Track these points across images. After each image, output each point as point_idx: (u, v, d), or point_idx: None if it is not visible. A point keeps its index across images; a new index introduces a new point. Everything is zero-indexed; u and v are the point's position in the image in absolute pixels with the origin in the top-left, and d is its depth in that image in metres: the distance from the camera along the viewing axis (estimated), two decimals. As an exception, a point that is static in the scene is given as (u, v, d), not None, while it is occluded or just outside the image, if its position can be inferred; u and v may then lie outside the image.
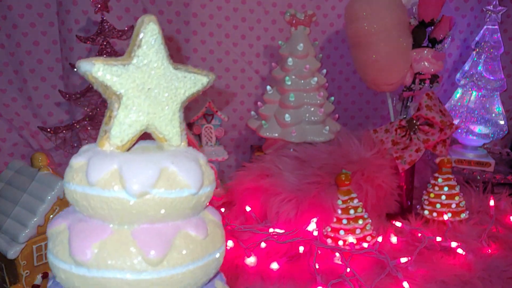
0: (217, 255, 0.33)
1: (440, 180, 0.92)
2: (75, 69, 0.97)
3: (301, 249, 0.79)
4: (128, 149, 0.33)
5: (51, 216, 0.70)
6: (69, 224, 0.31)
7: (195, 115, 1.02)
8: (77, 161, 0.32)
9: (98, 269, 0.28)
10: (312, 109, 0.99)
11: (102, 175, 0.29)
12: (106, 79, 0.30)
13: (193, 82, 0.33)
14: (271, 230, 0.82)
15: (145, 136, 0.36)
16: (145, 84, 0.31)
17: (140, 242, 0.29)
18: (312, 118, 0.99)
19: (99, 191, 0.29)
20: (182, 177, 0.30)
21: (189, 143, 0.36)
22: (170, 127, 0.33)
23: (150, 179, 0.29)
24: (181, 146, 0.34)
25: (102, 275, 0.28)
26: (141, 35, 0.32)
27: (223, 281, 0.37)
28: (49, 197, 0.69)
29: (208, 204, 0.36)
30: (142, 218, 0.30)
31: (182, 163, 0.31)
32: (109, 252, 0.28)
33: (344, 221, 0.81)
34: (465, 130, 1.11)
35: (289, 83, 0.99)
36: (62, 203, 0.71)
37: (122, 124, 0.31)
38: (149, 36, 0.32)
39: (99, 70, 0.30)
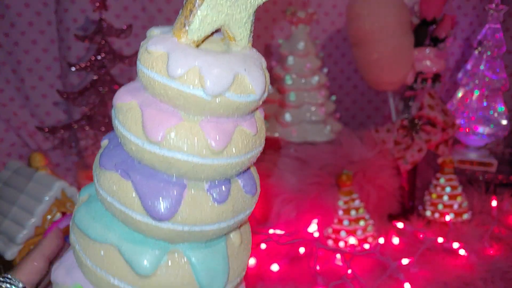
0: (261, 148, 0.38)
1: (442, 180, 0.92)
2: (73, 68, 0.97)
3: (302, 250, 0.79)
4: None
5: (49, 217, 0.69)
6: (141, 104, 0.34)
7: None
8: (157, 50, 0.33)
9: (168, 149, 0.33)
10: (313, 108, 0.99)
11: (184, 71, 0.32)
12: None
13: None
14: (271, 231, 0.81)
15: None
16: None
17: (207, 133, 0.33)
18: (313, 117, 0.98)
19: (178, 85, 0.32)
20: (251, 84, 0.34)
21: None
22: (243, 29, 0.36)
23: (227, 83, 0.32)
24: (247, 47, 0.37)
25: (171, 155, 0.33)
26: None
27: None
28: (46, 198, 0.68)
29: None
30: (210, 114, 0.34)
31: (251, 70, 0.34)
32: (180, 137, 0.33)
33: (345, 222, 0.81)
34: (467, 130, 1.10)
35: (290, 82, 0.98)
36: (60, 203, 0.70)
37: (202, 22, 0.33)
38: None
39: None
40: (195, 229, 0.34)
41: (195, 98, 0.33)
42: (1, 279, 0.36)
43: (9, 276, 0.36)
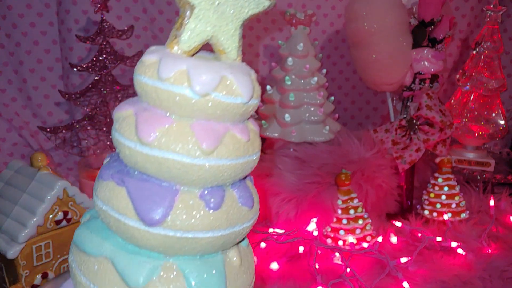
0: (254, 157, 0.39)
1: (440, 180, 0.92)
2: (75, 69, 0.98)
3: (301, 249, 0.79)
4: (192, 56, 0.38)
5: (51, 216, 0.70)
6: (136, 111, 0.36)
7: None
8: (149, 58, 0.36)
9: (159, 149, 0.34)
10: (312, 109, 0.99)
11: (173, 73, 0.34)
12: None
13: (256, 3, 0.39)
14: (271, 230, 0.82)
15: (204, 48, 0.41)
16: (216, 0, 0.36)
17: (197, 133, 0.34)
18: (312, 118, 0.99)
19: (168, 86, 0.34)
20: (238, 86, 0.36)
21: None
22: (231, 42, 0.39)
23: (213, 83, 0.34)
24: (237, 60, 0.39)
25: (162, 155, 0.34)
26: None
27: (252, 182, 0.44)
28: (48, 197, 0.69)
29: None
30: (200, 115, 0.35)
31: (238, 74, 0.36)
32: (171, 138, 0.34)
33: (344, 221, 0.81)
34: (465, 130, 1.11)
35: (289, 83, 0.99)
36: (62, 203, 0.71)
37: (192, 32, 0.36)
38: None
39: None
40: (188, 236, 0.33)
41: (184, 98, 0.34)
42: None
43: None
